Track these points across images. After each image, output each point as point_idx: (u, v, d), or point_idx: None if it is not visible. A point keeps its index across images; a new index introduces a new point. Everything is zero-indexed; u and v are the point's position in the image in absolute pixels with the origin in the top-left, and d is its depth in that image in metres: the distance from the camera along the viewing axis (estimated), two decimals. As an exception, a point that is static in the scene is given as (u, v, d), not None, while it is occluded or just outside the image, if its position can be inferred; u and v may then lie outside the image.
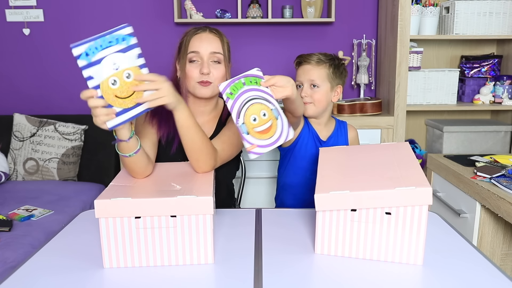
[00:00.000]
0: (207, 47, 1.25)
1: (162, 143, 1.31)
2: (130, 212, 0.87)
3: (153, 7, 2.49)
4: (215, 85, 1.27)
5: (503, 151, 2.38)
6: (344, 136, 1.49)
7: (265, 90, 1.03)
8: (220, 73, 1.27)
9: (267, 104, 1.03)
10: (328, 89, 1.39)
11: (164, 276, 0.87)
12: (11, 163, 2.29)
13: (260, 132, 1.01)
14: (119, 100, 0.93)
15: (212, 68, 1.26)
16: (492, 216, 1.59)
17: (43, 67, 2.55)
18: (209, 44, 1.25)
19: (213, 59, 1.26)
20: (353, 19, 2.53)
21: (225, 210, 1.24)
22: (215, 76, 1.26)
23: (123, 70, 0.93)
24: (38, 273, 0.89)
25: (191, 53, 1.25)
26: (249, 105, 1.01)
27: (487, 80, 2.39)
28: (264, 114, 1.02)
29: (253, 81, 1.03)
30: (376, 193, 0.87)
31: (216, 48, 1.26)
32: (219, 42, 1.27)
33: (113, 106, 0.93)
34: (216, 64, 1.27)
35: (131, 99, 0.95)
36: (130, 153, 1.04)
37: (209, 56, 1.25)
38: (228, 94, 1.00)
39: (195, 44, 1.25)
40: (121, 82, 0.93)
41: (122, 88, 0.93)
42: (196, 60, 1.25)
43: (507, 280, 0.84)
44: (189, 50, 1.25)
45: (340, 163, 1.05)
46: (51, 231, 1.67)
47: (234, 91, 1.01)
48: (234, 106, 0.99)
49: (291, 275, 0.87)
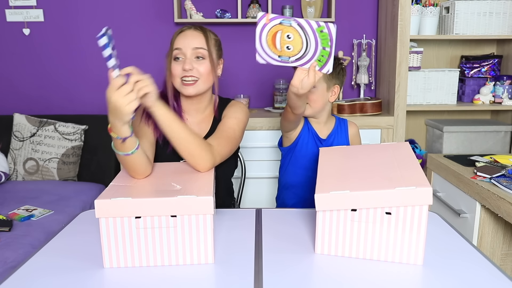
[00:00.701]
0: (190, 42, 1.25)
1: (159, 142, 1.32)
2: (130, 212, 0.87)
3: (153, 7, 2.49)
4: (202, 82, 1.27)
5: (503, 151, 2.38)
6: (345, 134, 1.49)
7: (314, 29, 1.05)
8: (204, 69, 1.26)
9: (300, 32, 1.06)
10: (324, 89, 1.40)
11: (164, 276, 0.87)
12: (11, 163, 2.29)
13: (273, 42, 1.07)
14: None
15: (195, 64, 1.25)
16: (492, 216, 1.59)
17: (43, 67, 2.55)
18: (191, 40, 1.25)
19: (196, 55, 1.26)
20: (353, 19, 2.53)
21: (225, 210, 1.24)
22: (199, 72, 1.26)
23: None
24: (38, 273, 0.89)
25: (175, 50, 1.25)
26: (286, 23, 1.05)
27: (487, 80, 2.39)
28: (288, 36, 1.06)
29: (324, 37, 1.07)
30: (376, 193, 0.87)
31: (199, 43, 1.26)
32: (202, 38, 1.27)
33: None
34: (200, 60, 1.26)
35: None
36: (132, 150, 1.03)
37: (192, 52, 1.25)
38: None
39: (179, 41, 1.26)
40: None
41: None
42: (180, 57, 1.26)
43: (507, 280, 0.84)
44: (174, 47, 1.26)
45: (340, 163, 1.05)
46: (51, 231, 1.67)
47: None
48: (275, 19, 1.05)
49: (291, 275, 0.87)
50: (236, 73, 2.57)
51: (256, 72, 2.58)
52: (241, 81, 2.59)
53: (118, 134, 0.99)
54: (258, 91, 2.59)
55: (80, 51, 2.53)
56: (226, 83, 2.57)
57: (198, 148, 1.12)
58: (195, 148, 1.12)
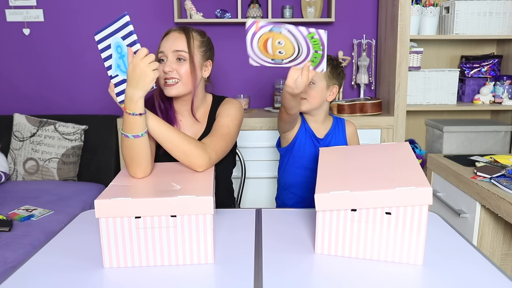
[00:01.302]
0: (171, 45, 1.27)
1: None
2: (130, 212, 0.87)
3: (153, 7, 2.49)
4: (182, 84, 1.28)
5: (503, 151, 2.38)
6: (342, 133, 1.49)
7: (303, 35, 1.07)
8: (183, 70, 1.27)
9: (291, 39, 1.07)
10: (324, 87, 1.40)
11: (164, 276, 0.87)
12: (11, 163, 2.29)
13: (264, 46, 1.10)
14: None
15: (176, 65, 1.27)
16: (492, 216, 1.59)
17: (43, 67, 2.56)
18: (173, 43, 1.28)
19: (177, 57, 1.28)
20: (353, 19, 2.53)
21: (225, 210, 1.24)
22: (180, 73, 1.27)
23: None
24: (38, 273, 0.89)
25: (159, 53, 1.29)
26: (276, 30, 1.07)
27: (487, 80, 2.39)
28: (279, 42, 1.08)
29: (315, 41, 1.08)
30: (376, 193, 0.87)
31: (180, 46, 1.27)
32: (184, 40, 1.28)
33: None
34: (180, 62, 1.28)
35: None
36: (142, 132, 1.06)
37: (172, 54, 1.27)
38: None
39: (162, 44, 1.30)
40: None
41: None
42: (163, 59, 1.29)
43: (507, 280, 0.84)
44: (159, 50, 1.30)
45: (340, 163, 1.05)
46: (51, 231, 1.67)
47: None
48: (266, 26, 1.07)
49: (291, 275, 0.87)
50: (236, 73, 2.57)
51: (256, 72, 2.58)
52: (241, 81, 2.59)
53: (134, 110, 1.03)
54: (258, 91, 2.59)
55: (80, 51, 2.54)
56: (226, 83, 2.58)
57: (189, 146, 1.13)
58: (186, 145, 1.13)
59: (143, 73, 1.00)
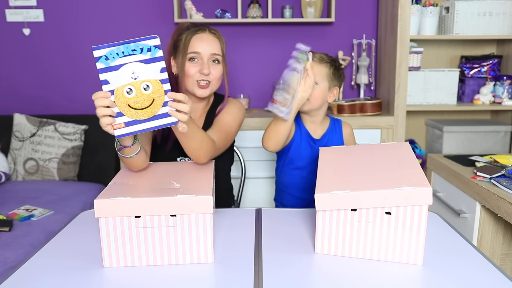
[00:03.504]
0: (207, 48, 1.28)
1: (157, 141, 1.33)
2: (129, 211, 0.88)
3: (153, 7, 2.49)
4: (213, 85, 1.31)
5: (503, 151, 2.38)
6: (339, 134, 1.49)
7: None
8: (219, 73, 1.31)
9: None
10: (326, 88, 1.40)
11: (164, 275, 0.87)
12: (11, 163, 2.29)
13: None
14: (132, 111, 0.92)
15: (211, 68, 1.29)
16: (492, 216, 1.59)
17: (43, 67, 2.55)
18: (209, 45, 1.28)
19: (212, 59, 1.30)
20: (353, 19, 2.53)
21: (225, 210, 1.24)
22: (213, 75, 1.30)
23: (142, 80, 0.91)
24: (38, 273, 0.89)
25: (192, 53, 1.27)
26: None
27: (487, 80, 2.39)
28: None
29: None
30: (376, 193, 0.87)
31: (216, 49, 1.29)
32: (218, 43, 1.31)
33: (124, 115, 0.92)
34: (215, 64, 1.30)
35: (145, 111, 0.92)
36: (131, 155, 1.05)
37: (209, 57, 1.28)
38: None
39: (196, 44, 1.27)
40: (137, 92, 0.91)
41: (137, 98, 0.91)
42: (197, 59, 1.28)
43: (507, 280, 0.84)
44: (189, 50, 1.27)
45: (340, 163, 1.05)
46: (51, 231, 1.67)
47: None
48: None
49: (291, 274, 0.87)
50: (236, 73, 2.57)
51: (256, 72, 2.58)
52: (241, 81, 2.59)
53: (121, 142, 1.02)
54: (258, 91, 2.59)
55: (80, 51, 2.53)
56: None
57: (205, 151, 1.15)
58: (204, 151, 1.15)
59: None
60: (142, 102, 0.92)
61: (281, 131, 1.28)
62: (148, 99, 0.92)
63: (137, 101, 0.91)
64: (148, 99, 0.92)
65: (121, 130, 0.92)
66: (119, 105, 0.91)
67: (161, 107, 0.92)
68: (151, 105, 0.92)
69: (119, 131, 0.92)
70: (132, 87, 0.91)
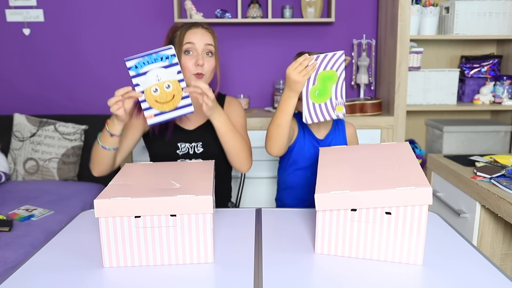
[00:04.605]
0: (202, 38, 1.35)
1: (155, 133, 1.41)
2: (129, 211, 0.88)
3: (153, 7, 2.49)
4: (207, 78, 1.36)
5: (503, 151, 2.38)
6: (342, 134, 1.49)
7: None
8: (212, 65, 1.37)
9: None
10: None
11: (164, 275, 0.87)
12: (11, 163, 2.29)
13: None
14: (158, 104, 1.17)
15: (205, 60, 1.35)
16: (492, 216, 1.59)
17: (43, 67, 2.55)
18: (203, 36, 1.35)
19: (206, 51, 1.35)
20: (353, 19, 2.53)
21: (225, 210, 1.24)
22: (206, 68, 1.35)
23: (164, 81, 1.16)
24: (38, 273, 0.89)
25: (188, 44, 1.33)
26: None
27: (487, 80, 2.39)
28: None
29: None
30: (376, 193, 0.87)
31: (209, 40, 1.36)
32: (210, 36, 1.37)
33: (152, 108, 1.17)
34: (208, 57, 1.36)
35: (168, 104, 1.18)
36: (111, 147, 1.24)
37: (203, 47, 1.34)
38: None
39: (190, 36, 1.34)
40: (161, 90, 1.16)
41: (162, 95, 1.17)
42: (191, 51, 1.34)
43: (507, 280, 0.84)
44: (185, 41, 1.33)
45: (340, 163, 1.05)
46: (51, 231, 1.67)
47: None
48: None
49: (291, 274, 0.87)
50: (236, 73, 2.57)
51: (256, 72, 2.58)
52: (241, 81, 2.59)
53: (111, 129, 1.20)
54: (258, 91, 2.59)
55: (80, 51, 2.54)
56: (226, 83, 2.57)
57: (245, 154, 1.35)
58: (244, 155, 1.35)
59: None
60: (165, 98, 1.17)
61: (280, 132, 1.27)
62: (169, 95, 1.17)
63: (161, 97, 1.17)
64: (170, 95, 1.17)
65: (152, 120, 1.18)
66: (148, 101, 1.16)
67: (180, 101, 1.18)
68: (172, 99, 1.18)
69: (150, 120, 1.18)
70: (157, 87, 1.16)
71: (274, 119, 1.27)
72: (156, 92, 1.16)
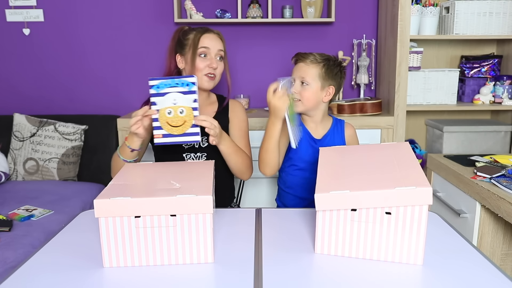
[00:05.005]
0: (215, 44, 1.46)
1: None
2: (129, 211, 0.87)
3: (153, 7, 2.49)
4: (217, 79, 1.50)
5: (503, 151, 2.38)
6: (341, 135, 1.49)
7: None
8: (222, 69, 1.50)
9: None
10: (317, 88, 1.40)
11: (164, 275, 0.87)
12: (11, 163, 2.29)
13: None
14: (168, 126, 1.21)
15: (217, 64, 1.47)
16: (492, 216, 1.59)
17: (43, 67, 2.55)
18: (216, 42, 1.47)
19: (218, 55, 1.47)
20: (353, 19, 2.53)
21: (225, 210, 1.24)
22: (217, 71, 1.47)
23: (179, 106, 1.20)
24: (38, 273, 0.89)
25: (203, 48, 1.44)
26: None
27: (487, 80, 2.39)
28: None
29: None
30: (376, 193, 0.87)
31: (221, 46, 1.48)
32: (221, 42, 1.50)
33: (162, 129, 1.21)
34: (219, 61, 1.48)
35: (178, 129, 1.22)
36: (131, 160, 1.31)
37: (216, 52, 1.46)
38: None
39: (205, 41, 1.45)
40: (175, 114, 1.20)
41: (174, 118, 1.21)
42: (206, 54, 1.45)
43: (507, 280, 0.84)
44: (200, 45, 1.44)
45: (340, 163, 1.05)
46: (51, 231, 1.67)
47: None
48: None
49: (291, 274, 0.87)
50: (236, 73, 2.57)
51: (256, 72, 2.58)
52: (241, 81, 2.59)
53: (131, 145, 1.27)
54: (258, 91, 2.59)
55: (80, 51, 2.53)
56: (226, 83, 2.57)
57: (246, 166, 1.48)
58: (246, 168, 1.49)
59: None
60: (177, 121, 1.21)
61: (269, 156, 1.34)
62: (181, 120, 1.21)
63: (173, 120, 1.21)
64: (182, 120, 1.21)
65: (159, 139, 1.22)
66: (160, 121, 1.20)
67: (189, 127, 1.21)
68: (183, 125, 1.21)
69: (158, 140, 1.22)
70: (171, 110, 1.20)
71: (263, 144, 1.34)
72: (170, 114, 1.20)
